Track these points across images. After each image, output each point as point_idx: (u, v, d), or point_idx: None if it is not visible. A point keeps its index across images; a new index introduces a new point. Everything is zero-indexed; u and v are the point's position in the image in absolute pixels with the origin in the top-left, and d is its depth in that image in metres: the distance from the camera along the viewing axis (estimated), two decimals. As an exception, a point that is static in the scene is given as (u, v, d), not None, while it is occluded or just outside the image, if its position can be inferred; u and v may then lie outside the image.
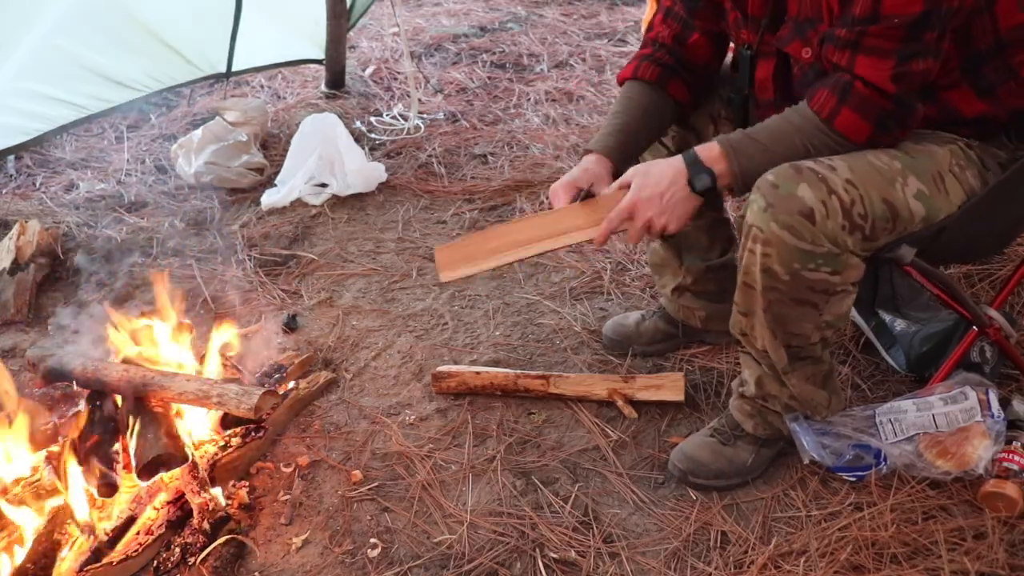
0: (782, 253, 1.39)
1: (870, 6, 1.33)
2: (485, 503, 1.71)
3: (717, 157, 1.46)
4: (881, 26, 1.33)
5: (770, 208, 1.38)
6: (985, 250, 1.78)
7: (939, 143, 1.49)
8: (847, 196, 1.37)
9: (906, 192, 1.41)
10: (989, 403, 1.61)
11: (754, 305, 1.49)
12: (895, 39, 1.34)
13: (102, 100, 3.12)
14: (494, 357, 2.15)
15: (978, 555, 1.47)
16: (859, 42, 1.36)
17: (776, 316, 1.48)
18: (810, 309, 1.46)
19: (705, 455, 1.70)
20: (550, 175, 3.06)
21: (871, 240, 1.41)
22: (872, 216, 1.39)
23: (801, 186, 1.36)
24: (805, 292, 1.43)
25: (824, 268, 1.40)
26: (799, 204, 1.36)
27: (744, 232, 1.43)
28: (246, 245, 2.78)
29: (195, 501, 1.67)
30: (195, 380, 1.83)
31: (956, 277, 2.09)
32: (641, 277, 2.42)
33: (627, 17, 4.87)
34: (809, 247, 1.38)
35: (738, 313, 1.55)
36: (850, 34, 1.36)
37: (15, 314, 2.44)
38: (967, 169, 1.49)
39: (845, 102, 1.39)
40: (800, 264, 1.39)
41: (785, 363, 1.56)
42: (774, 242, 1.39)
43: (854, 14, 1.35)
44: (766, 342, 1.53)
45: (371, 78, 4.20)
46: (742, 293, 1.51)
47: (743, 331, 1.57)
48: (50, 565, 1.57)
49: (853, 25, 1.36)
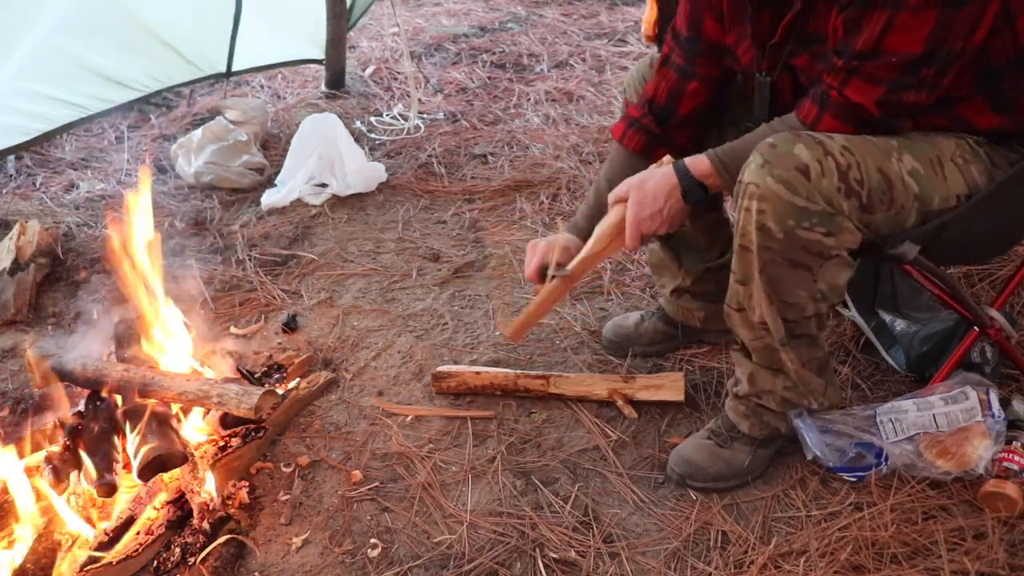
0: (777, 209, 1.40)
1: (872, 43, 1.36)
2: (485, 503, 1.71)
3: (707, 172, 1.52)
4: (879, 62, 1.37)
5: (767, 164, 1.40)
6: (988, 251, 1.78)
7: (944, 135, 1.50)
8: (843, 160, 1.39)
9: (901, 167, 1.43)
10: (990, 403, 1.61)
11: (750, 269, 1.49)
12: (890, 71, 1.38)
13: (102, 100, 3.12)
14: (494, 357, 2.15)
15: (978, 555, 1.47)
16: (855, 70, 1.40)
17: (771, 279, 1.48)
18: (804, 272, 1.46)
19: (703, 458, 1.70)
20: (550, 175, 3.07)
21: (868, 212, 1.42)
22: (868, 184, 1.40)
23: (798, 146, 1.39)
24: (799, 253, 1.44)
25: (818, 228, 1.40)
26: (795, 160, 1.38)
27: (740, 191, 1.45)
28: (246, 245, 2.78)
29: (195, 501, 1.67)
30: (195, 380, 1.83)
31: (956, 277, 2.08)
32: (641, 277, 2.42)
33: (627, 17, 4.87)
34: (804, 203, 1.39)
35: (735, 283, 1.55)
36: (847, 64, 1.40)
37: (15, 314, 2.44)
38: (972, 163, 1.49)
39: (826, 109, 1.44)
40: (795, 221, 1.40)
41: (783, 335, 1.55)
42: (769, 197, 1.40)
43: (854, 48, 1.38)
44: (763, 310, 1.52)
45: (371, 78, 4.20)
46: (738, 258, 1.51)
47: (740, 304, 1.55)
48: (50, 565, 1.57)
49: (851, 58, 1.39)
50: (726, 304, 1.59)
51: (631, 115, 1.81)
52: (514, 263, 2.55)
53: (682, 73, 1.74)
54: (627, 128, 1.81)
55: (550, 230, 2.72)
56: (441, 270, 2.57)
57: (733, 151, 1.51)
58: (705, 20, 1.68)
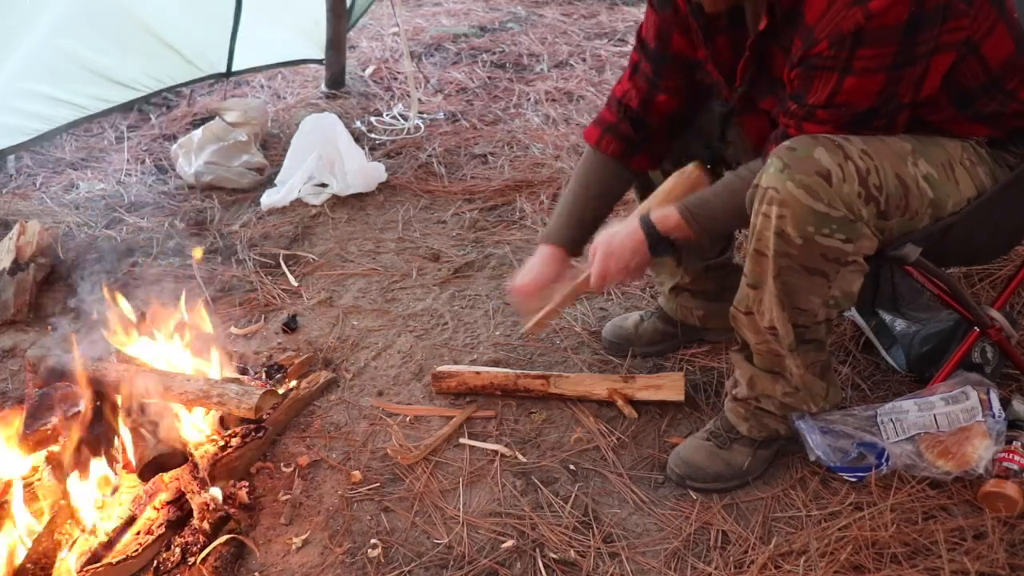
0: (797, 214, 1.37)
1: (825, 98, 1.38)
2: (485, 503, 1.71)
3: (676, 225, 1.55)
4: (832, 112, 1.39)
5: (787, 169, 1.37)
6: (990, 253, 1.78)
7: (950, 137, 1.50)
8: (863, 164, 1.37)
9: (917, 172, 1.42)
10: (990, 403, 1.60)
11: (764, 275, 1.46)
12: (844, 118, 1.40)
13: (102, 100, 3.13)
14: (494, 357, 2.15)
15: (978, 555, 1.47)
16: (810, 115, 1.41)
17: (786, 285, 1.45)
18: (820, 279, 1.44)
19: (702, 459, 1.70)
20: (550, 175, 3.07)
21: (884, 217, 1.41)
22: (886, 190, 1.39)
23: (818, 149, 1.37)
24: (817, 260, 1.41)
25: (838, 234, 1.39)
26: (816, 165, 1.36)
27: (758, 196, 1.42)
28: (246, 245, 2.78)
29: (195, 501, 1.67)
30: (195, 380, 1.83)
31: (956, 277, 2.08)
32: (641, 277, 2.41)
33: (627, 17, 4.87)
34: (825, 209, 1.37)
35: (747, 286, 1.52)
36: (800, 110, 1.42)
37: (15, 314, 2.44)
38: (979, 165, 1.49)
39: None
40: (814, 228, 1.38)
41: (792, 340, 1.52)
42: (790, 202, 1.37)
43: (807, 101, 1.40)
44: (774, 316, 1.50)
45: (371, 78, 4.20)
46: (753, 262, 1.48)
47: (749, 308, 1.53)
48: (50, 565, 1.57)
49: (804, 106, 1.41)
50: (733, 306, 1.58)
51: (605, 119, 1.77)
52: (514, 263, 2.55)
53: (651, 84, 1.70)
54: (603, 133, 1.77)
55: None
56: (441, 270, 2.57)
57: (703, 202, 1.53)
58: (673, 34, 1.64)
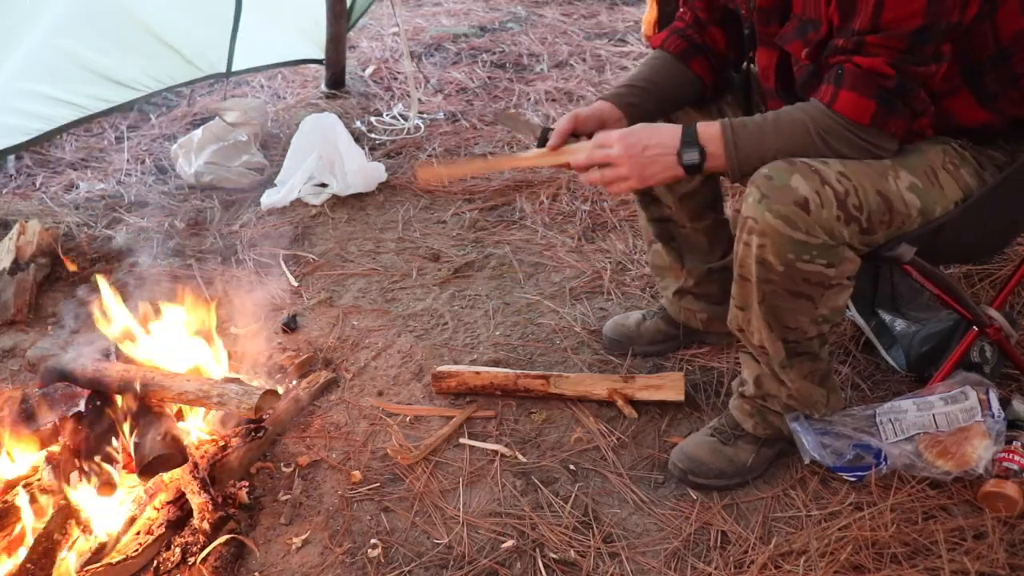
0: (776, 243, 1.40)
1: (869, 21, 1.34)
2: (485, 503, 1.71)
3: (714, 136, 1.44)
4: (880, 36, 1.34)
5: (764, 199, 1.39)
6: (984, 251, 1.78)
7: (929, 143, 1.50)
8: (840, 187, 1.38)
9: (899, 185, 1.42)
10: (989, 403, 1.60)
11: (749, 298, 1.50)
12: (893, 48, 1.34)
13: (102, 100, 3.12)
14: (494, 357, 2.15)
15: (978, 555, 1.47)
16: (858, 49, 1.37)
17: (771, 308, 1.48)
18: (805, 302, 1.46)
19: (705, 454, 1.70)
20: (550, 175, 3.06)
21: (868, 234, 1.42)
22: (868, 208, 1.39)
23: (794, 176, 1.37)
24: (800, 284, 1.44)
25: (819, 260, 1.40)
26: (793, 194, 1.37)
27: (739, 225, 1.44)
28: (246, 245, 2.78)
29: (195, 501, 1.67)
30: (195, 380, 1.83)
31: (956, 277, 2.09)
32: (641, 277, 2.42)
33: (627, 17, 4.87)
34: (804, 237, 1.38)
35: (735, 308, 1.56)
36: (848, 43, 1.37)
37: (15, 314, 2.44)
38: (962, 167, 1.49)
39: (842, 85, 1.39)
40: (794, 255, 1.40)
41: (783, 357, 1.55)
42: (769, 232, 1.39)
43: (854, 28, 1.36)
44: (763, 336, 1.53)
45: (371, 78, 4.20)
46: (738, 287, 1.51)
47: (740, 326, 1.57)
48: (50, 565, 1.57)
49: (853, 36, 1.37)
50: (728, 322, 1.60)
51: (675, 25, 1.80)
52: (514, 263, 2.55)
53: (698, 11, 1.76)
54: (669, 35, 1.79)
55: (549, 230, 2.72)
56: (441, 270, 2.57)
57: (747, 132, 1.44)
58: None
